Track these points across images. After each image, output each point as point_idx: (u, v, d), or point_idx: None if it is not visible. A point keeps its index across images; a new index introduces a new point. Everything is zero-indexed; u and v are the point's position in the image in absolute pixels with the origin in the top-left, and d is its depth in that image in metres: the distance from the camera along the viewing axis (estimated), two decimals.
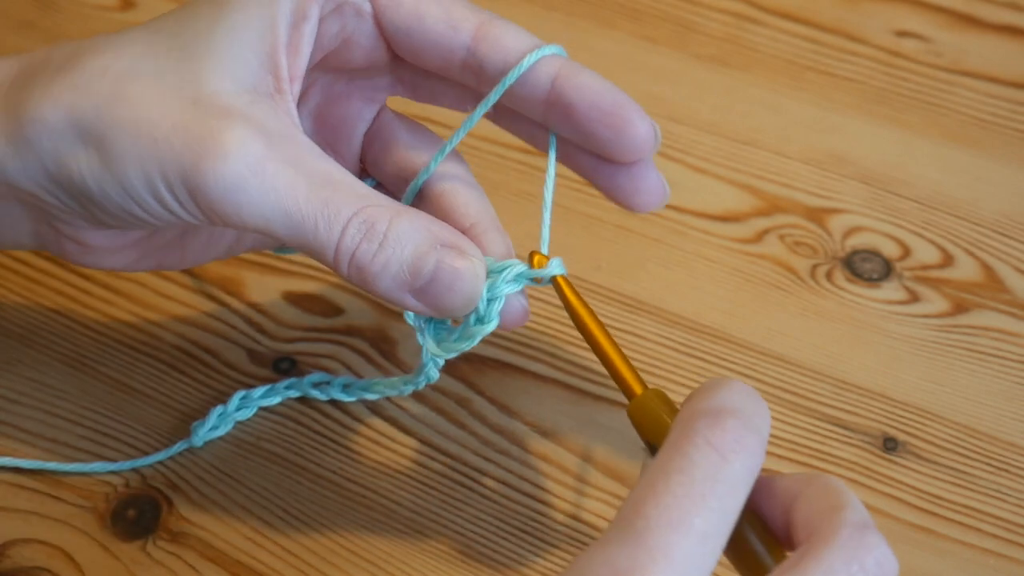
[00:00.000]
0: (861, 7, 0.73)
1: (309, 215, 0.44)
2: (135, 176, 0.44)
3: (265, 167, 0.44)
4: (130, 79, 0.45)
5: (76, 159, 0.45)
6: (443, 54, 0.48)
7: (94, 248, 0.50)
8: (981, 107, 0.68)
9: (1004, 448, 0.55)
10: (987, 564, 0.52)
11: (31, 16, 0.73)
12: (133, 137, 0.44)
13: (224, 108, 0.44)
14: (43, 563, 0.52)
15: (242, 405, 0.56)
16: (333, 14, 0.48)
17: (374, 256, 0.44)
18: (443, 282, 0.45)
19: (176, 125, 0.44)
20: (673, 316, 0.60)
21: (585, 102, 0.47)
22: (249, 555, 0.52)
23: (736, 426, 0.37)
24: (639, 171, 0.48)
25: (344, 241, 0.44)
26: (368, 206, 0.45)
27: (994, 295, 0.60)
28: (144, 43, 0.46)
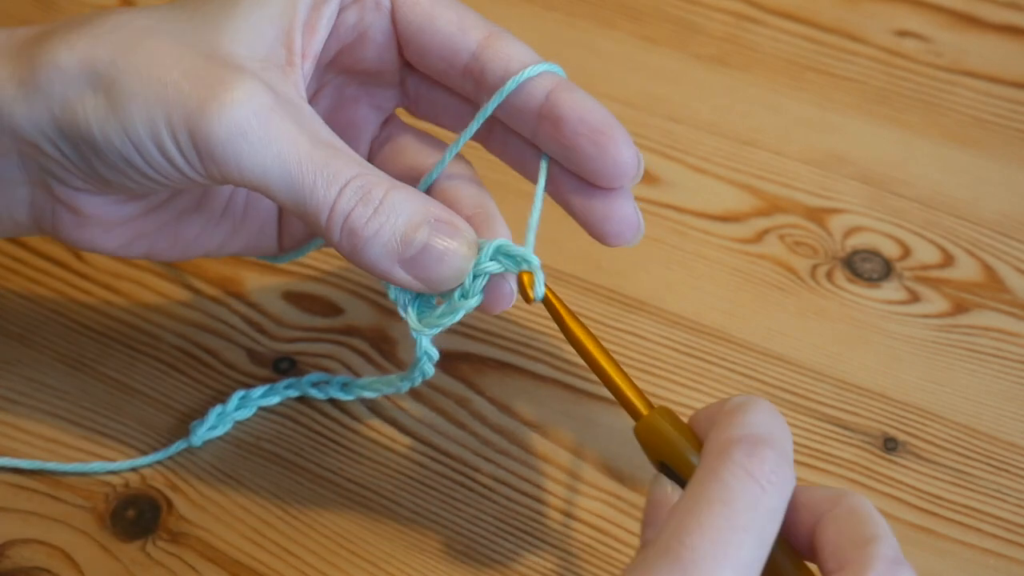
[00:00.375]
0: (861, 7, 0.73)
1: (308, 172, 0.44)
2: (139, 119, 0.45)
3: (270, 117, 0.44)
4: (148, 33, 0.46)
5: (83, 103, 0.45)
6: (448, 56, 0.49)
7: (88, 219, 0.49)
8: (981, 107, 0.68)
9: (1004, 448, 0.55)
10: (987, 564, 0.52)
11: (31, 16, 0.73)
12: (143, 81, 0.45)
13: (236, 65, 0.45)
14: (43, 563, 0.52)
15: (241, 405, 0.56)
16: (353, 5, 0.49)
17: (367, 221, 0.45)
18: (432, 254, 0.45)
19: (187, 71, 0.45)
20: (673, 316, 0.60)
21: (575, 116, 0.48)
22: (249, 555, 0.52)
23: (773, 457, 0.39)
24: (616, 199, 0.49)
25: (340, 203, 0.44)
26: (367, 173, 0.45)
27: (994, 295, 0.60)
28: (166, 9, 0.47)
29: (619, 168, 0.48)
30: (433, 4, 0.49)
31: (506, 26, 0.73)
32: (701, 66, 0.71)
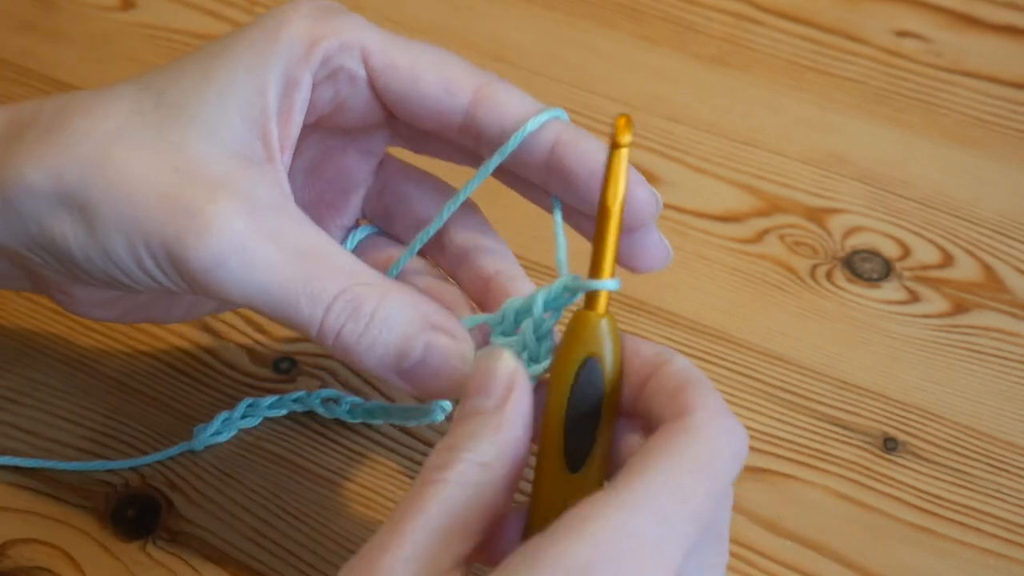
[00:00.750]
0: (861, 7, 0.73)
1: (291, 293, 0.43)
2: (118, 244, 0.44)
3: (245, 244, 0.43)
4: (115, 142, 0.44)
5: (59, 223, 0.44)
6: (440, 119, 0.47)
7: (81, 301, 0.49)
8: (981, 107, 0.68)
9: (1004, 448, 0.55)
10: (987, 564, 0.52)
11: (31, 16, 0.73)
12: (116, 206, 0.43)
13: (208, 177, 0.43)
14: (43, 563, 0.52)
15: (248, 413, 0.55)
16: (326, 80, 0.46)
17: (360, 337, 0.43)
18: (430, 367, 0.44)
19: (160, 195, 0.43)
20: (673, 316, 0.60)
21: (585, 170, 0.45)
22: (249, 555, 0.52)
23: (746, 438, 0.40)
24: (641, 235, 0.47)
25: (328, 320, 0.43)
26: (355, 284, 0.44)
27: (994, 295, 0.60)
28: (131, 100, 0.45)
29: (639, 212, 0.46)
30: (412, 66, 0.46)
31: (506, 26, 0.73)
32: (701, 66, 0.71)
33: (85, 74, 0.70)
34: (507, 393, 0.40)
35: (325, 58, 0.46)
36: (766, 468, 0.55)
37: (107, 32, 0.73)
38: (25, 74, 0.70)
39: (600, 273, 0.41)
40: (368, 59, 0.46)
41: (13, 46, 0.72)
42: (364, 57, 0.46)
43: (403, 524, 0.38)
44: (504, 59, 0.70)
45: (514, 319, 0.44)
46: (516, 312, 0.44)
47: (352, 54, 0.46)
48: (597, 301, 0.41)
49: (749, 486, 0.54)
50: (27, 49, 0.72)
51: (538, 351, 0.43)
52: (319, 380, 0.58)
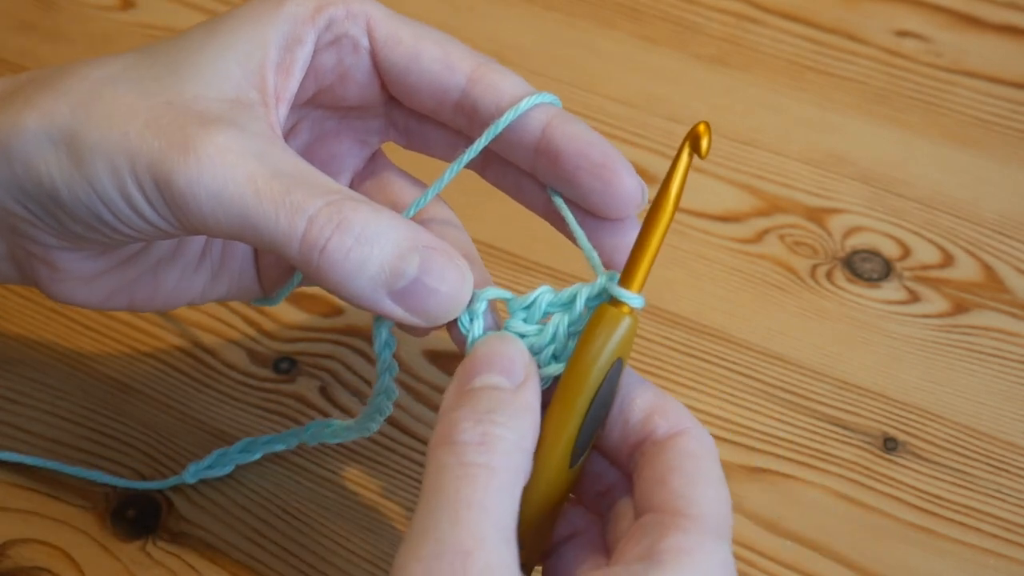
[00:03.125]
0: (861, 7, 0.73)
1: (268, 204, 0.41)
2: (104, 172, 0.43)
3: (227, 159, 0.42)
4: (107, 83, 0.44)
5: (46, 160, 0.44)
6: (437, 94, 0.47)
7: (65, 273, 0.48)
8: (981, 107, 0.68)
9: (1004, 448, 0.55)
10: (987, 564, 0.52)
11: (31, 16, 0.73)
12: (104, 133, 0.43)
13: (198, 110, 0.43)
14: (43, 563, 0.52)
15: (247, 448, 0.54)
16: (330, 47, 0.47)
17: (349, 251, 0.41)
18: (426, 283, 0.42)
19: (148, 121, 0.43)
20: (673, 316, 0.60)
21: (573, 151, 0.45)
22: (249, 555, 0.52)
23: None
24: (623, 228, 0.46)
25: (312, 232, 0.41)
26: (342, 198, 0.42)
27: (994, 295, 0.60)
28: (131, 58, 0.46)
29: (624, 200, 0.45)
30: (416, 41, 0.46)
31: (506, 26, 0.73)
32: (701, 66, 0.71)
33: None
34: (526, 378, 0.40)
35: (330, 22, 0.46)
36: (766, 468, 0.55)
37: (107, 32, 0.73)
38: None
39: (631, 284, 0.42)
40: (373, 30, 0.47)
41: (13, 46, 0.72)
42: (369, 27, 0.47)
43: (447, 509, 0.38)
44: (504, 59, 0.70)
45: (544, 308, 0.43)
46: (548, 303, 0.43)
47: (357, 23, 0.46)
48: (623, 302, 0.42)
49: (749, 486, 0.54)
50: (27, 49, 0.72)
51: (564, 348, 0.43)
52: (319, 380, 0.58)
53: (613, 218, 0.46)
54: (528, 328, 0.43)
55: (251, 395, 0.57)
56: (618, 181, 0.45)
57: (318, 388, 0.57)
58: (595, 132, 0.46)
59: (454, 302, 0.43)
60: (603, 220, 0.46)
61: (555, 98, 0.46)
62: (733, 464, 0.55)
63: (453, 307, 0.43)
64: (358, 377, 0.58)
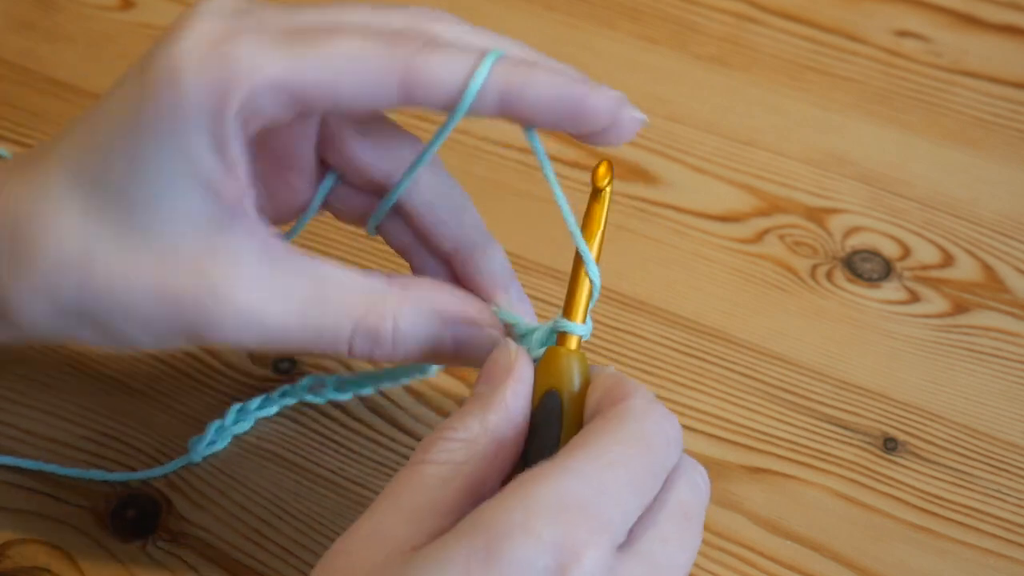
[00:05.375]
0: (861, 7, 0.73)
1: (312, 342, 0.45)
2: (143, 340, 0.46)
3: (253, 319, 0.44)
4: (89, 253, 0.44)
5: (76, 332, 0.46)
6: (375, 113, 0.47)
7: None
8: (981, 107, 0.68)
9: (1004, 448, 0.55)
10: (987, 564, 0.52)
11: (31, 16, 0.73)
12: (125, 320, 0.45)
13: (190, 260, 0.44)
14: (43, 563, 0.52)
15: (239, 418, 0.55)
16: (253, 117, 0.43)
17: (392, 355, 0.46)
18: (467, 356, 0.46)
19: (158, 296, 0.44)
20: (673, 316, 0.60)
21: (542, 114, 0.43)
22: (249, 555, 0.52)
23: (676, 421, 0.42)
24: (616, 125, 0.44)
25: (354, 351, 0.46)
26: (365, 314, 0.45)
27: (994, 295, 0.60)
28: (77, 202, 0.44)
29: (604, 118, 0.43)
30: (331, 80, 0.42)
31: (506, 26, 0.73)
32: (701, 66, 0.71)
33: (85, 74, 0.70)
34: (502, 378, 0.42)
35: (240, 107, 0.42)
36: (766, 468, 0.55)
37: (107, 32, 0.73)
38: (25, 74, 0.70)
39: (574, 315, 0.44)
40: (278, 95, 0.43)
41: (13, 46, 0.72)
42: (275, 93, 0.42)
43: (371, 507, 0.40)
44: None
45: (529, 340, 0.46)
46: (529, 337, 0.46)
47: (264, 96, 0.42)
48: (568, 338, 0.44)
49: (749, 486, 0.54)
50: (27, 49, 0.72)
51: None
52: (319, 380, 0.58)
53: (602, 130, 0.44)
54: None
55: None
56: (592, 112, 0.43)
57: None
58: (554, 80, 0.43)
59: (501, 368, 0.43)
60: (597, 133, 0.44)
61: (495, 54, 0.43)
62: (733, 464, 0.55)
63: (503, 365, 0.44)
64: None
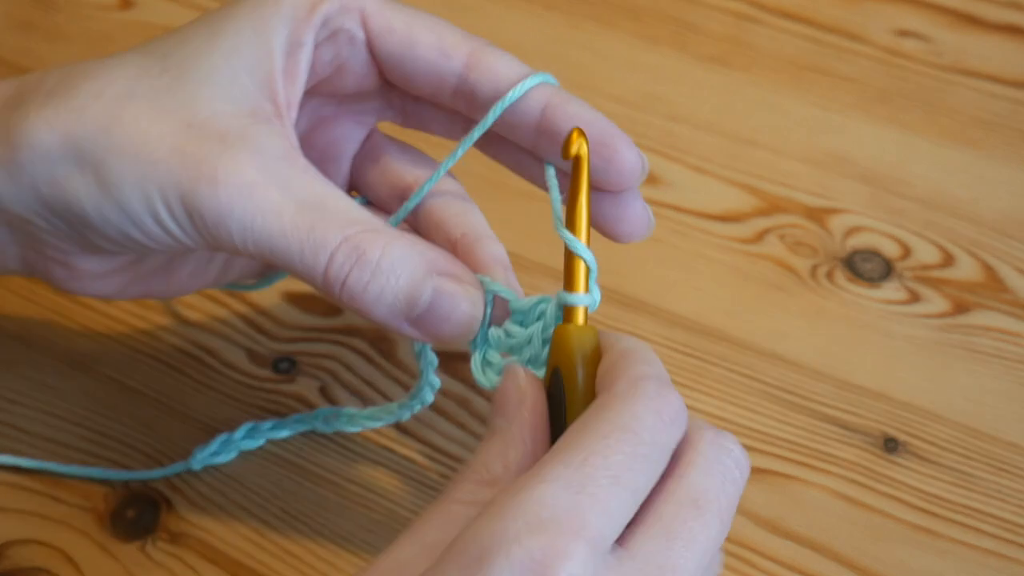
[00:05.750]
0: (861, 7, 0.73)
1: (295, 240, 0.44)
2: (134, 197, 0.44)
3: (254, 192, 0.43)
4: (126, 102, 0.45)
5: (72, 183, 0.45)
6: (435, 81, 0.48)
7: (82, 273, 0.49)
8: (981, 107, 0.68)
9: (1004, 448, 0.55)
10: (987, 564, 0.52)
11: (31, 16, 0.73)
12: (131, 160, 0.44)
13: (219, 132, 0.44)
14: (43, 563, 0.52)
15: (250, 435, 0.55)
16: (327, 41, 0.48)
17: (367, 285, 0.44)
18: (439, 311, 0.44)
19: (173, 148, 0.44)
20: (673, 316, 0.60)
21: None
22: (249, 555, 0.52)
23: (677, 401, 0.39)
24: (625, 200, 0.48)
25: (332, 268, 0.44)
26: (360, 231, 0.44)
27: (994, 295, 0.60)
28: (136, 66, 0.46)
29: (626, 173, 0.47)
30: (409, 29, 0.47)
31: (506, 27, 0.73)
32: (701, 66, 0.71)
33: None
34: (516, 411, 0.41)
35: (326, 19, 0.47)
36: (766, 468, 0.55)
37: (107, 32, 0.73)
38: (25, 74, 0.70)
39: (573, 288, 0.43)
40: (367, 21, 0.47)
41: (13, 46, 0.72)
42: (363, 19, 0.47)
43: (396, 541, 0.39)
44: None
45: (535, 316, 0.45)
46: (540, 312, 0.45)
47: (351, 16, 0.47)
48: (574, 312, 0.43)
49: (749, 486, 0.54)
50: (27, 49, 0.72)
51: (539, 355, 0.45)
52: (319, 380, 0.58)
53: (615, 191, 0.47)
54: (519, 331, 0.45)
55: (251, 395, 0.57)
56: (619, 157, 0.46)
57: (318, 388, 0.57)
58: (594, 110, 0.47)
59: (465, 328, 0.45)
60: (607, 193, 0.48)
61: (551, 77, 0.47)
62: None
63: (465, 332, 0.45)
64: (358, 377, 0.58)
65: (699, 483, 0.38)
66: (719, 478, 0.39)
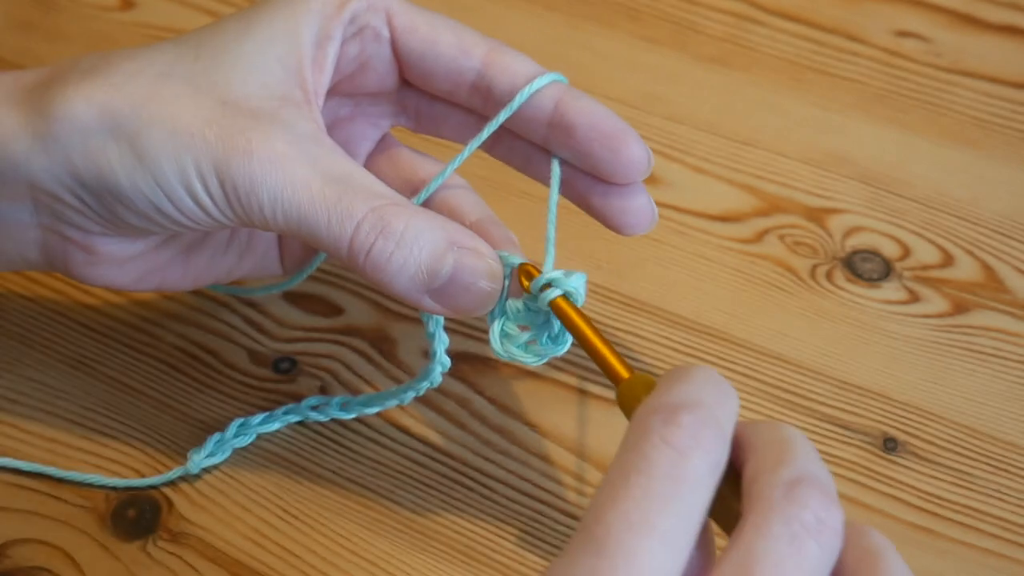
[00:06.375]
0: (861, 7, 0.73)
1: (322, 210, 0.45)
2: (169, 168, 0.45)
3: (285, 165, 0.45)
4: (164, 81, 0.46)
5: (107, 154, 0.46)
6: (454, 78, 0.50)
7: (102, 257, 0.50)
8: (981, 107, 0.68)
9: (1004, 448, 0.55)
10: (987, 564, 0.52)
11: (31, 16, 0.73)
12: (167, 133, 0.45)
13: (252, 109, 0.46)
14: (43, 563, 0.52)
15: (240, 432, 0.55)
16: (354, 38, 0.50)
17: (391, 255, 0.46)
18: (460, 283, 0.46)
19: (208, 121, 0.45)
20: (673, 316, 0.60)
21: (586, 123, 0.49)
22: (249, 555, 0.52)
23: (692, 422, 0.36)
24: (631, 193, 0.51)
25: (358, 238, 0.45)
26: (385, 204, 0.46)
27: (994, 295, 0.60)
28: (173, 52, 0.48)
29: (633, 166, 0.50)
30: (432, 28, 0.50)
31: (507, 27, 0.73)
32: (701, 66, 0.71)
33: None
34: None
35: (354, 16, 0.49)
36: None
37: (107, 32, 0.73)
38: None
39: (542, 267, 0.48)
40: (392, 19, 0.50)
41: (13, 46, 0.72)
42: (388, 17, 0.50)
43: None
44: None
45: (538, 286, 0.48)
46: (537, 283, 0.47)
47: (378, 14, 0.50)
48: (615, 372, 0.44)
49: None
50: (27, 49, 0.72)
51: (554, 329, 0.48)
52: (319, 380, 0.58)
53: (622, 184, 0.50)
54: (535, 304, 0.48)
55: (251, 395, 0.57)
56: (627, 150, 0.49)
57: (318, 388, 0.57)
58: (603, 105, 0.50)
59: (485, 299, 0.47)
60: (613, 186, 0.50)
61: (563, 77, 0.50)
62: None
63: (484, 303, 0.47)
64: (358, 377, 0.58)
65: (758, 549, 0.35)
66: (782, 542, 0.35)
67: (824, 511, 0.36)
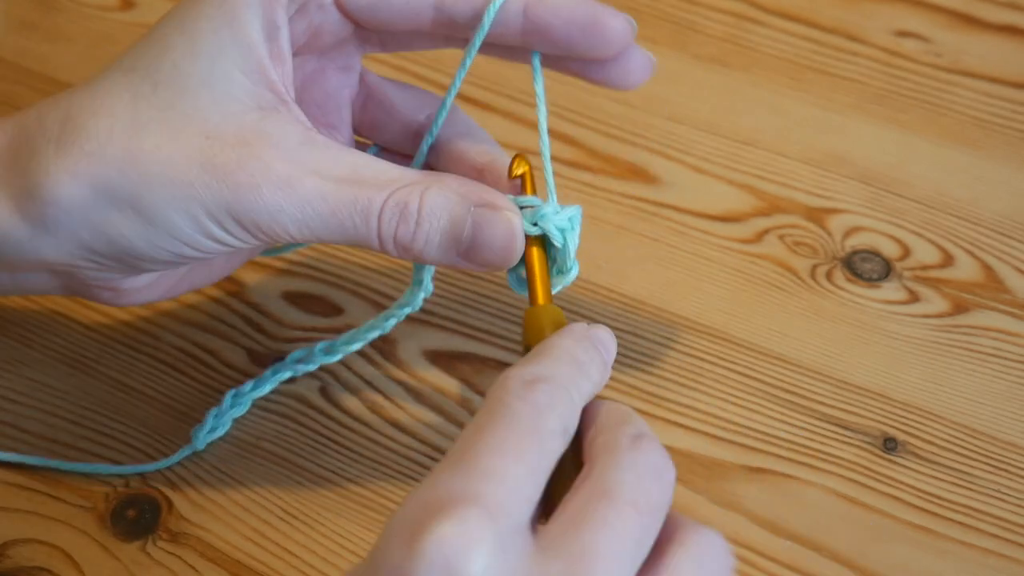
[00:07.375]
0: (861, 7, 0.73)
1: (345, 216, 0.46)
2: (182, 222, 0.45)
3: (295, 187, 0.45)
4: (138, 132, 0.45)
5: (114, 224, 0.46)
6: (411, 19, 0.50)
7: (127, 292, 0.50)
8: (981, 107, 0.68)
9: (1004, 448, 0.55)
10: (987, 564, 0.52)
11: (31, 16, 0.73)
12: (167, 187, 0.45)
13: (237, 136, 0.45)
14: (43, 563, 0.52)
15: (235, 403, 0.56)
16: (298, 15, 0.49)
17: (414, 235, 0.46)
18: (483, 241, 0.47)
19: (202, 164, 0.45)
20: (673, 316, 0.60)
21: (559, 21, 0.49)
22: (249, 555, 0.52)
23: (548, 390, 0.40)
24: (624, 57, 0.51)
25: (383, 229, 0.46)
26: (397, 188, 0.46)
27: (994, 295, 0.60)
28: (128, 90, 0.46)
29: (617, 40, 0.50)
30: None
31: None
32: (701, 66, 0.71)
33: (85, 74, 0.70)
34: None
35: None
36: (766, 468, 0.55)
37: (107, 32, 0.73)
38: (25, 74, 0.70)
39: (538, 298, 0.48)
40: None
41: (13, 46, 0.72)
42: None
43: None
44: None
45: None
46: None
47: None
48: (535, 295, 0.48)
49: (749, 486, 0.54)
50: (27, 49, 0.72)
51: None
52: (319, 380, 0.58)
53: (614, 54, 0.50)
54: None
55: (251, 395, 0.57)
56: (607, 31, 0.49)
57: (318, 388, 0.58)
58: None
59: (510, 249, 0.47)
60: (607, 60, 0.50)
61: None
62: (733, 464, 0.55)
63: (511, 253, 0.47)
64: (358, 377, 0.58)
65: (611, 477, 0.39)
66: (632, 473, 0.39)
67: (664, 463, 0.40)
